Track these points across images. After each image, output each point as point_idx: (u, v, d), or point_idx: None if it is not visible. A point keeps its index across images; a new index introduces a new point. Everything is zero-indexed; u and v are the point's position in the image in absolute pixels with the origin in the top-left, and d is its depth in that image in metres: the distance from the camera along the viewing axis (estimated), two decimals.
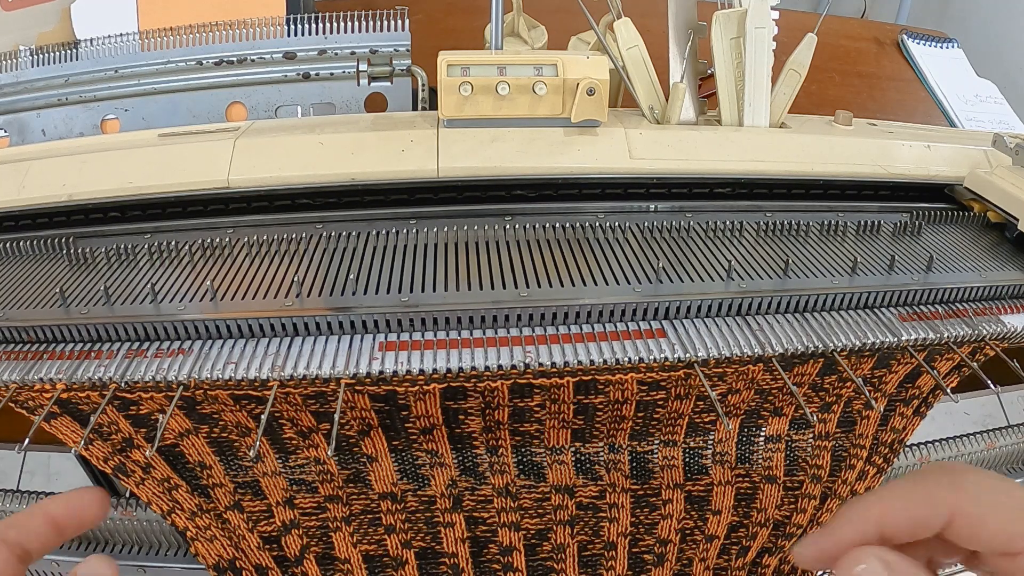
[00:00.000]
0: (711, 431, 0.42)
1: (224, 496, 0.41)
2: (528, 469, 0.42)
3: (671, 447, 0.42)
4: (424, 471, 0.42)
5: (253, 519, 0.42)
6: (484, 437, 0.41)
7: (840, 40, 0.93)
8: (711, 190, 0.50)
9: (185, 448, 0.39)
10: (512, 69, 0.46)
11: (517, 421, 0.40)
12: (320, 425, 0.39)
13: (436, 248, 0.42)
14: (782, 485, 0.44)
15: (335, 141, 0.46)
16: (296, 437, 0.39)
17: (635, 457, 0.42)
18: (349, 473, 0.41)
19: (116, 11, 0.62)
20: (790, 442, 0.43)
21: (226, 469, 0.40)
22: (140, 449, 0.38)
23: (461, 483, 0.42)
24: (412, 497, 0.42)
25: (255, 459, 0.40)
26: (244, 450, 0.40)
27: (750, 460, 0.43)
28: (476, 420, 0.40)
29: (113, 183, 0.45)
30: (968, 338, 0.39)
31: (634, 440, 0.42)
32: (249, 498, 0.41)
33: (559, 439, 0.41)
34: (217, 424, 0.38)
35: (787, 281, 0.40)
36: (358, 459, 0.41)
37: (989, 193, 0.49)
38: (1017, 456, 0.51)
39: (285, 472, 0.41)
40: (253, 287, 0.38)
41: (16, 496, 0.43)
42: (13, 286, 0.39)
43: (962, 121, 0.83)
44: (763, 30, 0.50)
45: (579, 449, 0.42)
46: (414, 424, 0.39)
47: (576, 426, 0.41)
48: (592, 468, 0.42)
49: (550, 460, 0.42)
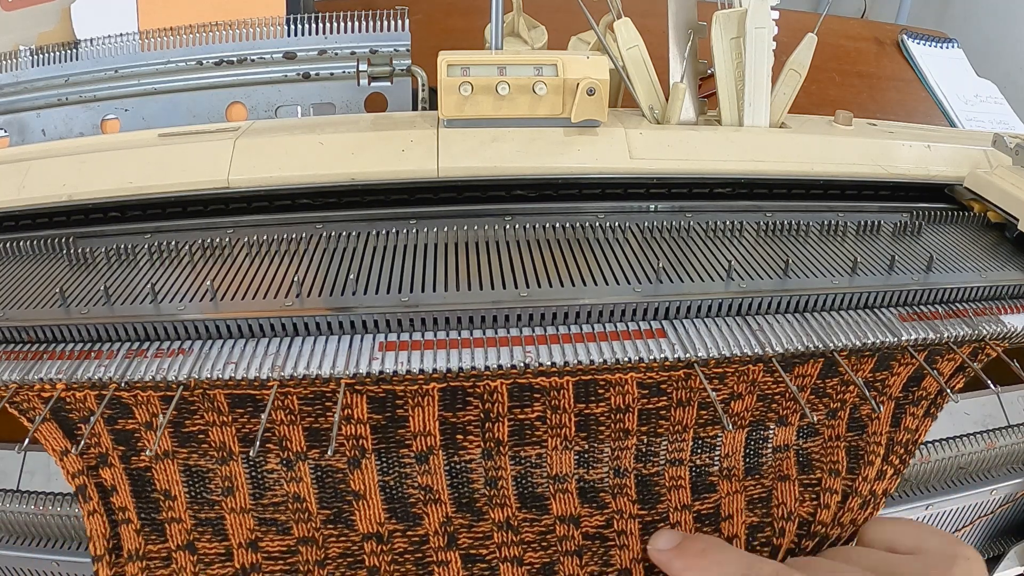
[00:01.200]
0: (717, 446, 0.41)
1: (179, 534, 0.39)
2: (529, 501, 0.40)
3: (677, 466, 0.41)
4: (416, 509, 0.39)
5: (205, 562, 0.39)
6: (484, 465, 0.39)
7: (840, 40, 0.93)
8: (711, 190, 0.50)
9: (156, 473, 0.38)
10: (512, 69, 0.46)
11: (518, 444, 0.39)
12: (309, 452, 0.38)
13: (436, 248, 0.42)
14: (797, 482, 0.43)
15: (335, 141, 0.46)
16: (279, 468, 0.38)
17: (641, 480, 0.41)
18: (330, 513, 0.39)
19: (116, 11, 0.62)
20: (799, 450, 0.43)
21: (190, 503, 0.38)
22: (112, 468, 0.37)
23: (456, 520, 0.40)
24: (401, 538, 0.40)
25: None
26: (218, 481, 0.38)
27: (759, 472, 0.42)
28: (475, 441, 0.38)
29: (113, 183, 0.45)
30: (968, 338, 0.39)
31: (639, 462, 0.41)
32: (208, 537, 0.39)
33: (562, 465, 0.40)
34: (199, 447, 0.37)
35: (787, 281, 0.40)
36: (343, 496, 0.39)
37: (989, 193, 0.49)
38: (1017, 456, 0.51)
39: (256, 510, 0.39)
40: (253, 287, 0.38)
41: (16, 496, 0.43)
42: (13, 286, 0.39)
43: (962, 121, 0.83)
44: (763, 30, 0.50)
45: (583, 476, 0.41)
46: (410, 448, 0.38)
47: (579, 447, 0.40)
48: (597, 496, 0.41)
49: (553, 490, 0.40)
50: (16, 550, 0.43)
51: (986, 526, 0.53)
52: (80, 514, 0.39)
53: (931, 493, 0.49)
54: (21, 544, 0.43)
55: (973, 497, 0.50)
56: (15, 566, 0.44)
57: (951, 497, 0.49)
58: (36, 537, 0.43)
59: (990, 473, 0.50)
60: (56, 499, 0.42)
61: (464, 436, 0.39)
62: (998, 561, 0.54)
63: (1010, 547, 0.54)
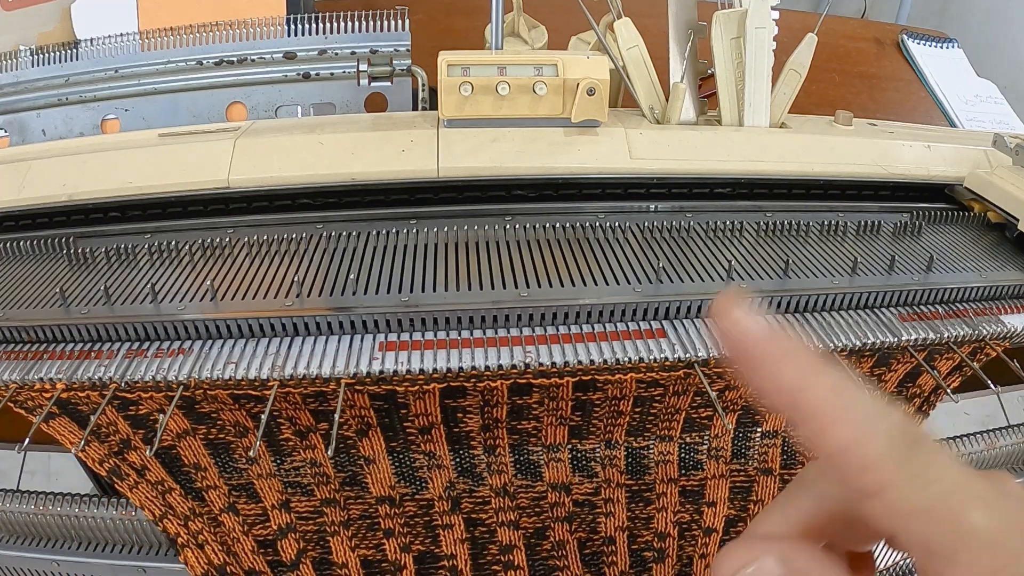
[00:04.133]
0: (708, 427, 0.42)
1: (219, 499, 0.41)
2: (525, 468, 0.42)
3: (667, 443, 0.42)
4: (422, 474, 0.41)
5: (248, 522, 0.42)
6: (482, 436, 0.41)
7: (840, 40, 0.93)
8: (711, 190, 0.49)
9: (182, 450, 0.39)
10: (512, 69, 0.46)
11: (515, 419, 0.40)
12: (318, 425, 0.39)
13: (436, 248, 0.42)
14: (779, 477, 0.44)
15: (335, 141, 0.46)
16: (293, 437, 0.39)
17: (631, 453, 0.43)
18: (345, 476, 0.41)
19: (116, 11, 0.62)
20: (787, 438, 0.43)
21: (220, 471, 0.40)
22: (137, 451, 0.38)
23: (459, 485, 0.42)
24: (410, 502, 0.42)
25: (252, 461, 0.40)
26: (240, 451, 0.39)
27: (746, 456, 0.43)
28: (474, 418, 0.40)
29: (113, 183, 0.45)
30: (968, 338, 0.39)
31: (631, 436, 0.42)
32: (244, 500, 0.41)
33: (556, 437, 0.41)
34: (215, 424, 0.38)
35: (787, 281, 0.40)
36: (355, 461, 0.41)
37: (989, 193, 0.49)
38: (1017, 456, 0.51)
39: (280, 475, 0.40)
40: (253, 287, 0.38)
41: (16, 496, 0.43)
42: (13, 286, 0.39)
43: (962, 121, 0.83)
44: (763, 30, 0.50)
45: (576, 446, 0.42)
46: (412, 423, 0.39)
47: (574, 423, 0.41)
48: (588, 465, 0.42)
49: (547, 458, 0.42)
50: (16, 550, 0.43)
51: None
52: (80, 514, 0.39)
53: None
54: (21, 544, 0.43)
55: None
56: (15, 566, 0.44)
57: None
58: (36, 537, 0.43)
59: None
60: (56, 499, 0.42)
61: (464, 414, 0.40)
62: None
63: None
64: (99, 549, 0.44)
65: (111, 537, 0.44)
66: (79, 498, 0.42)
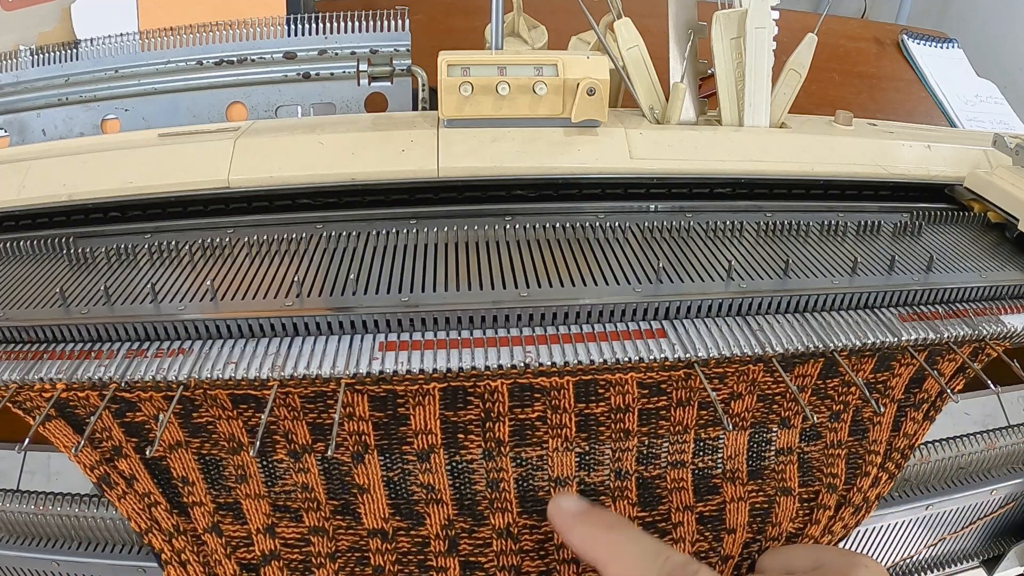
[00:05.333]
0: (720, 448, 0.41)
1: (203, 516, 0.39)
2: (531, 506, 0.40)
3: (680, 468, 0.41)
4: (419, 508, 0.39)
5: (232, 545, 0.40)
6: (485, 466, 0.39)
7: (840, 40, 0.93)
8: (711, 190, 0.50)
9: (172, 461, 0.38)
10: (512, 69, 0.46)
11: (519, 444, 0.39)
12: (315, 445, 0.38)
13: (436, 248, 0.42)
14: (797, 497, 0.43)
15: (335, 141, 0.46)
16: (287, 459, 0.38)
17: (642, 483, 0.41)
18: (338, 504, 0.39)
19: (116, 11, 0.62)
20: (802, 454, 0.43)
21: (209, 487, 0.39)
22: (128, 459, 0.38)
23: (458, 524, 0.40)
24: (404, 536, 0.40)
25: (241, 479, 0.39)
26: (231, 469, 0.38)
27: (762, 475, 0.42)
28: (476, 441, 0.38)
29: (113, 183, 0.45)
30: (968, 338, 0.39)
31: (641, 465, 0.41)
32: (229, 520, 0.40)
33: (563, 468, 0.40)
34: (210, 437, 0.38)
35: (787, 281, 0.40)
36: (349, 489, 0.39)
37: (989, 193, 0.49)
38: (1017, 456, 0.51)
39: (270, 496, 0.39)
40: (253, 287, 0.38)
41: (16, 496, 0.43)
42: (13, 286, 0.39)
43: (962, 121, 0.83)
44: (763, 30, 0.50)
45: (584, 479, 0.40)
46: (412, 445, 0.38)
47: (580, 448, 0.39)
48: (598, 500, 0.41)
49: (555, 494, 0.40)
50: (16, 550, 0.43)
51: (986, 526, 0.53)
52: (80, 514, 0.39)
53: (931, 493, 0.49)
54: (21, 544, 0.43)
55: (973, 497, 0.50)
56: (15, 566, 0.44)
57: (951, 497, 0.49)
58: (36, 537, 0.43)
59: (990, 473, 0.50)
60: (56, 499, 0.42)
61: (465, 435, 0.39)
62: (998, 561, 0.54)
63: (1010, 547, 0.54)
64: (99, 549, 0.43)
65: (111, 537, 0.44)
66: (79, 498, 0.42)
